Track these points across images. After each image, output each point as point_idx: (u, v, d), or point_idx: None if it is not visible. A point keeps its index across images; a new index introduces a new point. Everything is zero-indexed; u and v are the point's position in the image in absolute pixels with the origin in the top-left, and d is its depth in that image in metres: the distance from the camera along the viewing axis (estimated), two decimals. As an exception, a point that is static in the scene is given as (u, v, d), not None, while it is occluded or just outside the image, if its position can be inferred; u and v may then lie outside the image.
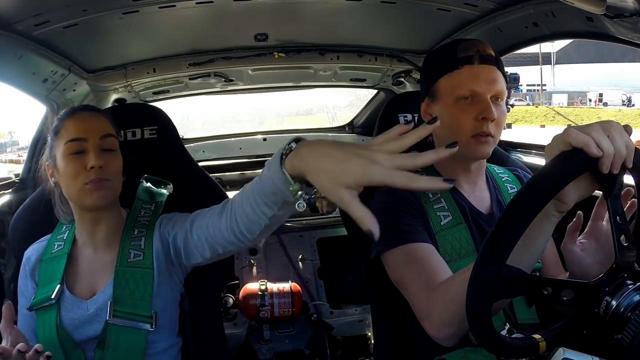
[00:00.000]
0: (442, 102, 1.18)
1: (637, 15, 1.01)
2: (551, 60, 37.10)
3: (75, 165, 1.15)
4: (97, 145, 1.16)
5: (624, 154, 0.75)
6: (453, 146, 0.69)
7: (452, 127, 1.15)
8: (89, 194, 1.15)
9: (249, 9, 1.63)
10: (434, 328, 1.00)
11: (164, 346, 1.22)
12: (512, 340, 0.77)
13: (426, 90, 1.23)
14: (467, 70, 1.14)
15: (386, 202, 1.18)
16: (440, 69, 1.18)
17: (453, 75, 1.15)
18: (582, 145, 0.73)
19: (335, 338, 2.34)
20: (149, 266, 1.20)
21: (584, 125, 0.76)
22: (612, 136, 0.74)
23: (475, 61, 1.14)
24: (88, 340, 1.16)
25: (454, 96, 1.14)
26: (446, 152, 0.69)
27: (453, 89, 1.15)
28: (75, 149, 1.15)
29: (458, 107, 1.14)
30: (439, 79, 1.18)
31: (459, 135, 1.13)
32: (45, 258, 1.23)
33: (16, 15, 1.35)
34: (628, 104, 33.07)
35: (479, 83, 1.12)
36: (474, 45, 1.15)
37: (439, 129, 1.17)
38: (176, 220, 1.24)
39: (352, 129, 3.33)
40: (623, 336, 0.70)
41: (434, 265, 1.07)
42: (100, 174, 1.15)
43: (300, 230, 2.47)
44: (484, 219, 1.21)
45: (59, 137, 1.18)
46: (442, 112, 1.17)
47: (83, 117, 1.20)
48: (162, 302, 1.21)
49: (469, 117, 1.13)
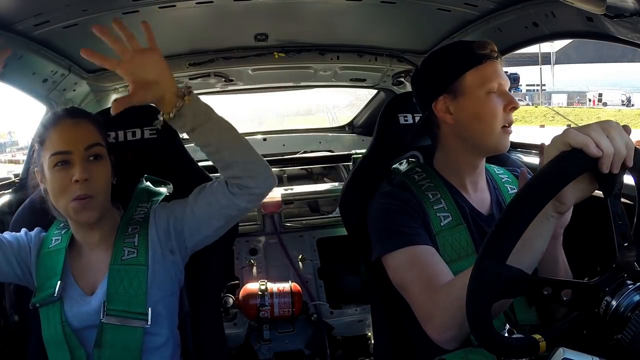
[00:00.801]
0: (471, 96, 1.16)
1: (637, 15, 1.01)
2: (551, 60, 37.10)
3: (61, 179, 1.14)
4: (83, 157, 1.15)
5: (623, 154, 0.75)
6: None
7: (487, 119, 1.15)
8: (76, 212, 1.14)
9: (249, 9, 1.63)
10: (435, 331, 1.00)
11: (162, 340, 1.22)
12: (512, 340, 0.77)
13: (443, 87, 1.19)
14: (491, 65, 1.16)
15: (387, 204, 1.18)
16: (464, 64, 1.17)
17: (480, 69, 1.16)
18: (581, 145, 0.73)
19: (335, 338, 2.34)
20: (143, 263, 1.20)
21: (583, 125, 0.76)
22: (612, 136, 0.74)
23: (494, 57, 1.18)
24: (89, 338, 1.16)
25: (485, 89, 1.15)
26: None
27: (483, 83, 1.15)
28: (60, 160, 1.14)
29: (490, 100, 1.15)
30: (464, 73, 1.17)
31: (493, 127, 1.15)
32: (43, 252, 1.22)
33: (16, 15, 1.35)
34: (627, 104, 33.03)
35: (502, 76, 1.16)
36: (488, 43, 1.19)
37: (466, 121, 1.17)
38: (173, 204, 1.24)
39: (352, 129, 3.33)
40: (623, 336, 0.70)
41: (435, 268, 1.07)
42: (86, 189, 1.13)
43: (300, 230, 2.47)
44: (484, 220, 1.21)
45: (44, 147, 1.17)
46: (473, 106, 1.16)
47: (67, 126, 1.17)
48: (158, 296, 1.21)
49: (500, 109, 1.15)
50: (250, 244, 2.39)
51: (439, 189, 1.21)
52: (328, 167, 3.19)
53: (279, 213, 2.42)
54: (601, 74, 35.74)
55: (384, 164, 1.39)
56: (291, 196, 2.58)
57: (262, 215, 2.42)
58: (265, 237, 2.42)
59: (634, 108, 31.65)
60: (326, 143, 3.21)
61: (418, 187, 1.22)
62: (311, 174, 3.24)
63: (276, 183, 1.20)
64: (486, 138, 1.17)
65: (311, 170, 3.22)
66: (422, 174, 1.25)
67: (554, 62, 37.65)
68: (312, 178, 3.22)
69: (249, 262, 2.34)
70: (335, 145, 3.20)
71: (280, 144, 3.17)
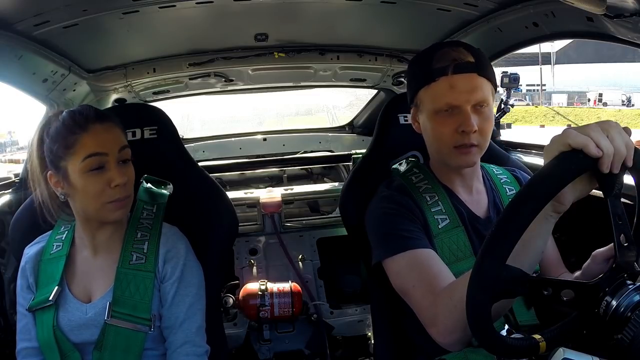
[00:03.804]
0: (424, 113, 1.17)
1: (637, 15, 1.01)
2: (551, 60, 37.05)
3: (97, 184, 1.12)
4: (117, 159, 1.15)
5: (624, 153, 0.75)
6: None
7: (434, 138, 1.17)
8: (111, 212, 1.15)
9: (249, 9, 1.63)
10: (440, 335, 0.99)
11: (160, 353, 1.23)
12: (512, 340, 0.77)
13: (411, 98, 1.22)
14: (444, 82, 1.11)
15: (385, 207, 1.18)
16: (419, 80, 1.17)
17: (430, 87, 1.13)
18: (581, 146, 0.73)
19: (335, 338, 2.34)
20: (151, 270, 1.20)
21: (582, 126, 0.76)
22: (612, 136, 0.74)
23: (450, 72, 1.10)
24: (85, 343, 1.17)
25: (432, 109, 1.14)
26: None
27: (432, 102, 1.14)
28: (96, 165, 1.12)
29: (437, 120, 1.14)
30: (419, 90, 1.17)
31: (440, 147, 1.16)
32: (45, 259, 1.23)
33: (16, 15, 1.35)
34: (628, 104, 33.00)
35: (456, 95, 1.10)
36: (449, 55, 1.11)
37: (424, 135, 1.20)
38: (173, 275, 1.23)
39: (352, 129, 3.33)
40: (623, 336, 0.70)
41: (436, 271, 1.07)
42: (125, 192, 1.14)
43: (300, 230, 2.47)
44: (481, 223, 1.20)
45: (72, 152, 1.12)
46: (425, 123, 1.18)
47: (98, 130, 1.14)
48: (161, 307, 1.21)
49: (449, 129, 1.12)
50: (250, 244, 2.40)
51: (436, 191, 1.21)
52: (328, 167, 3.19)
53: (279, 213, 2.42)
54: (601, 74, 35.69)
55: (383, 164, 1.39)
56: (291, 196, 2.58)
57: (262, 215, 2.42)
58: (265, 237, 2.42)
59: (634, 108, 31.63)
60: (326, 143, 3.21)
61: (416, 189, 1.22)
62: (311, 174, 3.24)
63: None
64: (437, 156, 1.20)
65: (311, 170, 3.22)
66: (419, 175, 1.25)
67: (554, 62, 37.61)
68: (312, 178, 3.22)
69: (249, 262, 2.34)
70: (335, 145, 3.20)
71: (280, 144, 3.17)
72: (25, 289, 1.22)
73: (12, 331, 1.30)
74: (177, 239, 1.26)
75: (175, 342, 1.19)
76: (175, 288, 1.21)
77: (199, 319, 1.23)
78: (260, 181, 3.12)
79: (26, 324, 1.19)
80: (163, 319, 1.21)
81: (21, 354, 1.20)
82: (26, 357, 1.19)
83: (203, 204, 1.46)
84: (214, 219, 1.45)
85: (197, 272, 1.26)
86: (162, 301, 1.21)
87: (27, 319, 1.19)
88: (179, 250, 1.24)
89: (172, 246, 1.24)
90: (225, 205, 1.49)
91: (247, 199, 2.51)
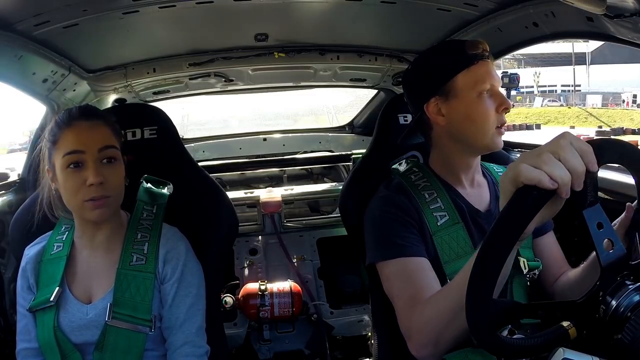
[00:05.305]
0: (462, 98, 1.16)
1: (637, 15, 1.01)
2: (586, 60, 36.47)
3: (74, 181, 1.13)
4: (96, 158, 1.14)
5: (581, 171, 0.70)
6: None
7: (479, 121, 1.15)
8: (88, 210, 1.14)
9: (249, 9, 1.63)
10: (413, 348, 1.02)
11: (160, 353, 1.23)
12: (539, 336, 0.74)
13: (434, 89, 1.19)
14: (483, 65, 1.16)
15: (382, 211, 1.18)
16: (455, 65, 1.17)
17: (472, 70, 1.15)
18: (535, 182, 0.69)
19: (335, 338, 2.34)
20: (151, 271, 1.20)
21: (533, 154, 0.71)
22: (564, 158, 0.69)
23: (486, 57, 1.17)
24: (85, 344, 1.17)
25: (476, 91, 1.15)
26: None
27: (475, 84, 1.15)
28: (73, 161, 1.13)
29: (482, 101, 1.15)
30: (456, 75, 1.16)
31: (485, 128, 1.15)
32: (45, 259, 1.22)
33: (16, 15, 1.35)
34: (663, 106, 32.18)
35: (494, 77, 1.16)
36: (480, 43, 1.18)
37: (458, 123, 1.17)
38: (173, 275, 1.22)
39: (352, 129, 3.33)
40: (623, 336, 0.70)
41: (422, 283, 1.07)
42: (101, 191, 1.13)
43: (300, 230, 2.47)
44: (483, 217, 1.21)
45: (56, 147, 1.15)
46: (464, 108, 1.16)
47: (81, 127, 1.15)
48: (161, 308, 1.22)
49: (492, 110, 1.15)
50: (250, 244, 2.40)
51: (435, 188, 1.21)
52: (328, 167, 3.19)
53: (279, 213, 2.42)
54: (637, 74, 34.62)
55: (383, 164, 1.39)
56: (291, 196, 2.58)
57: (262, 215, 2.42)
58: (265, 237, 2.42)
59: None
60: (326, 143, 3.21)
61: (415, 187, 1.22)
62: (311, 174, 3.24)
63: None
64: (479, 139, 1.17)
65: (311, 170, 3.22)
66: (418, 173, 1.26)
67: (589, 62, 37.06)
68: (312, 178, 3.22)
69: (249, 262, 2.34)
70: (335, 145, 3.20)
71: (280, 144, 3.17)
72: (26, 289, 1.22)
73: (12, 331, 1.30)
74: (177, 240, 1.26)
75: (176, 343, 1.19)
76: (175, 289, 1.21)
77: (199, 320, 1.23)
78: (260, 181, 3.12)
79: (26, 325, 1.19)
80: (163, 320, 1.21)
81: (21, 355, 1.20)
82: (26, 357, 1.19)
83: (203, 204, 1.46)
84: (214, 219, 1.45)
85: (197, 273, 1.25)
86: (163, 302, 1.21)
87: (27, 319, 1.19)
88: (179, 251, 1.24)
89: (172, 247, 1.24)
90: (225, 205, 1.49)
91: (247, 199, 2.51)
